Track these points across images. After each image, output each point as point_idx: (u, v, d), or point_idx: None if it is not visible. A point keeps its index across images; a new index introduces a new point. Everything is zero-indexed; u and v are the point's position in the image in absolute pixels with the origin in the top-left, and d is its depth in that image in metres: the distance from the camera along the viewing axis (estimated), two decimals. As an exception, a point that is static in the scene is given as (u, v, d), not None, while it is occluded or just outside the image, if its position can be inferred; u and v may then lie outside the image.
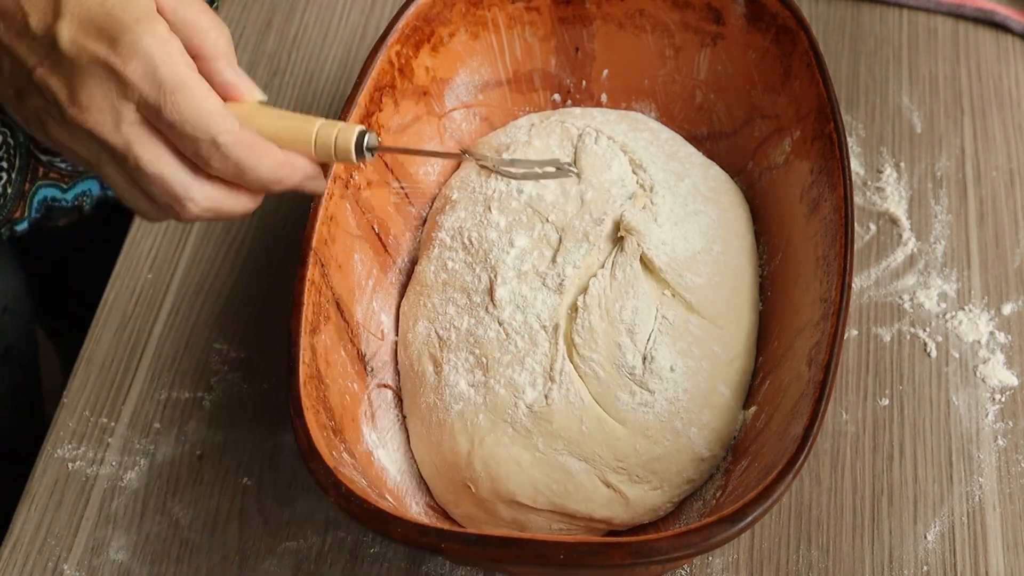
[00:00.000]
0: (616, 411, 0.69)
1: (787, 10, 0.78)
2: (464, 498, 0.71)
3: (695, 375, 0.70)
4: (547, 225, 0.75)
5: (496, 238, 0.75)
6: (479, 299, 0.73)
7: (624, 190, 0.76)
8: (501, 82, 0.85)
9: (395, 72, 0.78)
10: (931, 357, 0.80)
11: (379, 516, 0.59)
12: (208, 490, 0.77)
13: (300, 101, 0.96)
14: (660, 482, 0.69)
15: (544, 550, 0.56)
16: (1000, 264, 0.84)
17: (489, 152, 0.81)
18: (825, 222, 0.71)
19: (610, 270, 0.72)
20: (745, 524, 0.57)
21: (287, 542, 0.75)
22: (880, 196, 0.88)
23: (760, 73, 0.80)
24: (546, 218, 0.75)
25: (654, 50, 0.84)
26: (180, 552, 0.75)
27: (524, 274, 0.73)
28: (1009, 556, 0.72)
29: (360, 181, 0.75)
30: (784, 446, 0.61)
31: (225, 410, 0.80)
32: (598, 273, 0.72)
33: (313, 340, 0.67)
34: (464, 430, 0.70)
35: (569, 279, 0.72)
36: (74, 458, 0.79)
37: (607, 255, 0.73)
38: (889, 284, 0.84)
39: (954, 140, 0.91)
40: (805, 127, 0.76)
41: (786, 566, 0.72)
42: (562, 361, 0.70)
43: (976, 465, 0.76)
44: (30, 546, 0.75)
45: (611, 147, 0.78)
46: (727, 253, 0.75)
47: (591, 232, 0.74)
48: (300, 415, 0.63)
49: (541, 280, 0.73)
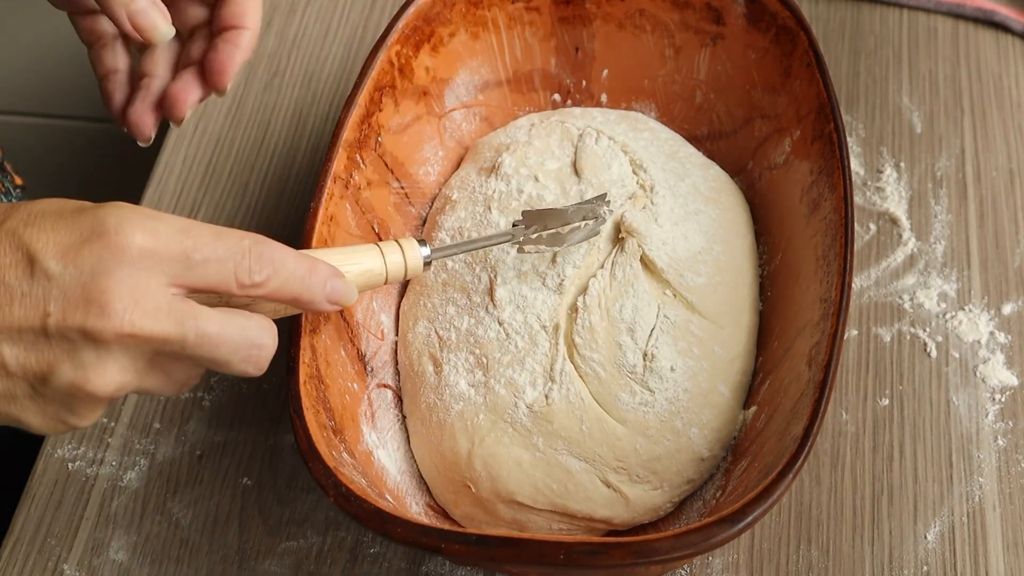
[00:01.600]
0: (616, 411, 0.69)
1: (787, 10, 0.78)
2: (464, 498, 0.71)
3: (695, 375, 0.70)
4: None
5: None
6: (479, 299, 0.73)
7: (624, 190, 0.76)
8: (501, 82, 0.85)
9: (395, 72, 0.78)
10: (931, 357, 0.80)
11: (379, 516, 0.59)
12: (208, 490, 0.77)
13: (300, 101, 0.96)
14: (660, 482, 0.69)
15: (544, 550, 0.56)
16: (1000, 264, 0.84)
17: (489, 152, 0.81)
18: (825, 222, 0.71)
19: (610, 270, 0.72)
20: (745, 524, 0.57)
21: (287, 542, 0.75)
22: (880, 196, 0.88)
23: (760, 73, 0.80)
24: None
25: (654, 50, 0.84)
26: (180, 552, 0.75)
27: (524, 274, 0.73)
28: (1009, 556, 0.72)
29: (360, 181, 0.75)
30: (784, 446, 0.61)
31: (225, 410, 0.80)
32: (598, 273, 0.72)
33: (313, 340, 0.67)
34: (464, 430, 0.70)
35: (569, 279, 0.72)
36: (74, 458, 0.79)
37: (607, 255, 0.74)
38: (889, 284, 0.84)
39: (954, 140, 0.91)
40: (805, 127, 0.76)
41: (786, 566, 0.72)
42: (562, 361, 0.70)
43: (976, 465, 0.76)
44: (30, 546, 0.75)
45: (611, 147, 0.78)
46: (727, 253, 0.75)
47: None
48: (300, 415, 0.63)
49: (541, 280, 0.73)
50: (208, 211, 0.90)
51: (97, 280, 0.51)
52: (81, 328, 0.51)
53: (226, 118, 0.96)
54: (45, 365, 0.52)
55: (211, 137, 0.94)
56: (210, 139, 0.94)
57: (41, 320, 0.51)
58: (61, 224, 0.52)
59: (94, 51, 0.69)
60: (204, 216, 0.90)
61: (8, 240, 0.52)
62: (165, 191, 0.91)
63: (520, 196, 0.77)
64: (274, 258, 0.56)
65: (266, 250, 0.56)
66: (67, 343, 0.52)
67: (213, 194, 0.91)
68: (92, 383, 0.53)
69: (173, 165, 0.93)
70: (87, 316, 0.51)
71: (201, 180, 0.92)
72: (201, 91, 0.66)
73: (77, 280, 0.51)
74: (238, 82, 0.97)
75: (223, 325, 0.54)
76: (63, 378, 0.52)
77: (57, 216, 0.52)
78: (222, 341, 0.54)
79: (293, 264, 0.57)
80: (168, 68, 0.68)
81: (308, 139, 0.94)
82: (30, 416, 0.54)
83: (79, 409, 0.54)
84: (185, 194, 0.91)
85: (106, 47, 0.68)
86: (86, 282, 0.51)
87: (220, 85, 0.66)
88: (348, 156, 0.74)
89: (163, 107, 0.67)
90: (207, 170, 0.92)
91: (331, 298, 0.59)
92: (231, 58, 0.66)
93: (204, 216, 0.90)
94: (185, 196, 0.91)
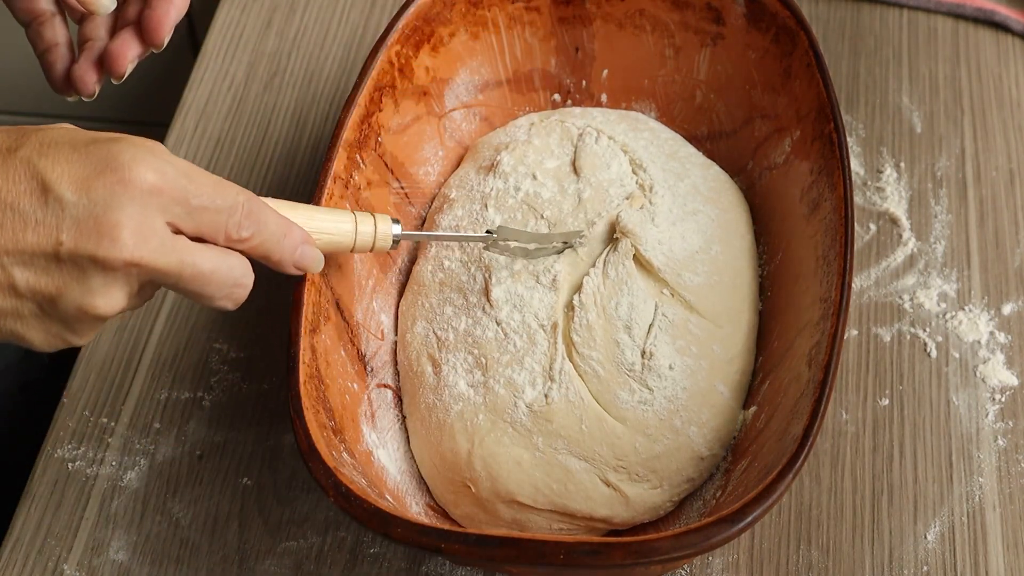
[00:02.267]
0: (616, 409, 0.69)
1: (787, 10, 0.78)
2: (464, 498, 0.71)
3: (694, 373, 0.70)
4: (540, 221, 0.75)
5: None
6: (475, 299, 0.73)
7: (622, 190, 0.76)
8: (501, 82, 0.85)
9: (395, 72, 0.78)
10: (931, 357, 0.80)
11: (379, 516, 0.59)
12: (208, 490, 0.77)
13: (300, 101, 0.96)
14: (660, 481, 0.69)
15: (544, 550, 0.56)
16: (1000, 264, 0.84)
17: (488, 151, 0.81)
18: (825, 222, 0.71)
19: (602, 268, 0.72)
20: (745, 524, 0.57)
21: (287, 542, 0.75)
22: (880, 196, 0.88)
23: (760, 73, 0.80)
24: (540, 215, 0.75)
25: (654, 50, 0.84)
26: (180, 552, 0.75)
27: (517, 273, 0.73)
28: (1009, 556, 0.72)
29: (360, 181, 0.75)
30: (784, 446, 0.61)
31: (225, 410, 0.80)
32: (590, 271, 0.72)
33: (313, 340, 0.67)
34: (464, 430, 0.70)
35: (562, 275, 0.73)
36: (74, 458, 0.79)
37: (599, 253, 0.74)
38: (889, 284, 0.84)
39: (954, 140, 0.91)
40: (805, 127, 0.76)
41: (786, 566, 0.72)
42: (562, 360, 0.70)
43: (976, 465, 0.76)
44: (30, 546, 0.75)
45: (611, 147, 0.78)
46: (726, 253, 0.75)
47: (589, 227, 0.74)
48: (300, 415, 0.63)
49: (535, 279, 0.73)
50: (208, 211, 0.90)
51: (108, 212, 0.54)
52: (92, 256, 0.54)
53: (226, 118, 0.96)
54: (54, 288, 0.55)
55: (211, 137, 0.94)
56: (210, 139, 0.94)
57: (54, 246, 0.54)
58: (75, 155, 0.55)
59: (32, 29, 0.70)
60: (204, 216, 0.90)
61: (23, 168, 0.54)
62: (165, 191, 0.91)
63: (517, 194, 0.77)
64: (260, 217, 0.59)
65: (256, 208, 0.59)
66: (77, 269, 0.54)
67: (213, 194, 0.91)
68: (98, 306, 0.56)
69: (173, 165, 0.93)
70: (99, 245, 0.54)
71: (201, 180, 0.92)
72: (139, 47, 0.68)
73: (89, 211, 0.54)
74: (238, 82, 0.97)
75: (216, 263, 0.58)
76: (71, 301, 0.55)
77: (71, 147, 0.55)
78: (213, 278, 0.58)
79: (274, 225, 0.60)
80: (107, 32, 0.70)
81: (308, 139, 0.94)
82: (33, 333, 0.57)
83: (80, 328, 0.57)
84: (185, 194, 0.91)
85: (44, 24, 0.70)
86: (98, 213, 0.54)
87: (157, 39, 0.67)
88: (348, 156, 0.74)
89: (104, 64, 0.68)
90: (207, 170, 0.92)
91: (298, 263, 0.62)
92: (166, 13, 0.67)
93: (204, 216, 0.90)
94: (185, 196, 0.91)
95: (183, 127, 0.95)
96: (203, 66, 0.99)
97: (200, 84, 0.98)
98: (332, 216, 0.65)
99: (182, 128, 0.95)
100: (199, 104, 0.96)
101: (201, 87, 0.97)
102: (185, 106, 0.96)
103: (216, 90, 0.97)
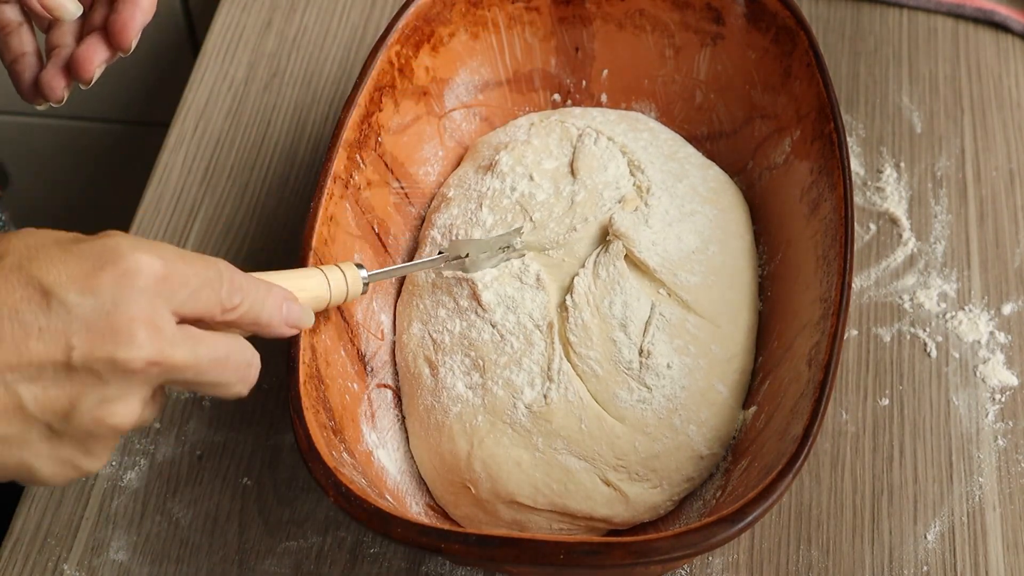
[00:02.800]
0: (615, 408, 0.69)
1: (787, 10, 0.78)
2: (464, 499, 0.71)
3: (692, 373, 0.70)
4: (528, 223, 0.75)
5: (480, 236, 0.75)
6: (466, 303, 0.73)
7: (617, 192, 0.76)
8: (501, 82, 0.86)
9: (395, 72, 0.78)
10: (931, 357, 0.80)
11: (379, 516, 0.59)
12: (208, 490, 0.77)
13: (300, 101, 0.96)
14: (660, 480, 0.69)
15: (544, 550, 0.56)
16: (1000, 264, 0.84)
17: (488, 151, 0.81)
18: (825, 222, 0.71)
19: (592, 269, 0.72)
20: (745, 524, 0.57)
21: (287, 542, 0.75)
22: (880, 196, 0.88)
23: (760, 73, 0.80)
24: (530, 216, 0.75)
25: (654, 50, 0.84)
26: (180, 552, 0.75)
27: (499, 277, 0.73)
28: (1009, 556, 0.72)
29: (360, 181, 0.75)
30: (784, 446, 0.61)
31: (225, 410, 0.80)
32: (580, 272, 0.72)
33: (313, 340, 0.67)
34: (463, 432, 0.70)
35: (544, 274, 0.73)
36: (74, 458, 0.79)
37: (588, 255, 0.74)
38: (889, 284, 0.84)
39: (954, 140, 0.91)
40: (805, 127, 0.76)
41: (786, 566, 0.72)
42: (559, 360, 0.70)
43: (976, 465, 0.76)
44: (30, 546, 0.75)
45: (610, 148, 0.78)
46: (724, 253, 0.75)
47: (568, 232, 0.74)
48: (300, 415, 0.63)
49: (518, 279, 0.73)
50: (208, 211, 0.90)
51: (119, 309, 0.50)
52: (110, 359, 0.50)
53: (226, 118, 0.96)
54: (67, 400, 0.50)
55: (211, 137, 0.94)
56: (210, 139, 0.94)
57: (64, 353, 0.49)
58: (67, 255, 0.50)
59: None
60: (204, 216, 0.90)
61: (15, 275, 0.50)
62: (165, 191, 0.91)
63: (512, 194, 0.77)
64: (241, 283, 0.56)
65: (234, 274, 0.56)
66: (92, 375, 0.50)
67: (213, 194, 0.91)
68: (117, 414, 0.51)
69: (173, 165, 0.93)
70: (117, 346, 0.50)
71: (201, 180, 0.92)
72: (107, 52, 0.67)
73: (99, 310, 0.50)
74: (238, 82, 0.97)
75: (228, 346, 0.54)
76: (87, 412, 0.51)
77: (58, 247, 0.51)
78: (229, 363, 0.54)
79: (253, 288, 0.57)
80: (74, 38, 0.69)
81: (308, 139, 0.94)
82: (41, 462, 0.52)
83: (95, 448, 0.53)
84: (185, 194, 0.91)
85: (11, 34, 0.69)
86: (109, 311, 0.50)
87: (124, 43, 0.66)
88: (348, 156, 0.74)
89: (71, 70, 0.67)
90: (207, 170, 0.92)
91: (288, 320, 0.59)
92: (132, 17, 0.66)
93: (204, 216, 0.90)
94: (185, 196, 0.91)
95: (183, 127, 0.95)
96: (203, 66, 0.99)
97: (200, 84, 0.98)
98: (298, 274, 0.63)
99: (182, 128, 0.95)
100: (199, 104, 0.96)
101: (201, 87, 0.97)
102: (185, 106, 0.96)
103: (216, 90, 0.97)
